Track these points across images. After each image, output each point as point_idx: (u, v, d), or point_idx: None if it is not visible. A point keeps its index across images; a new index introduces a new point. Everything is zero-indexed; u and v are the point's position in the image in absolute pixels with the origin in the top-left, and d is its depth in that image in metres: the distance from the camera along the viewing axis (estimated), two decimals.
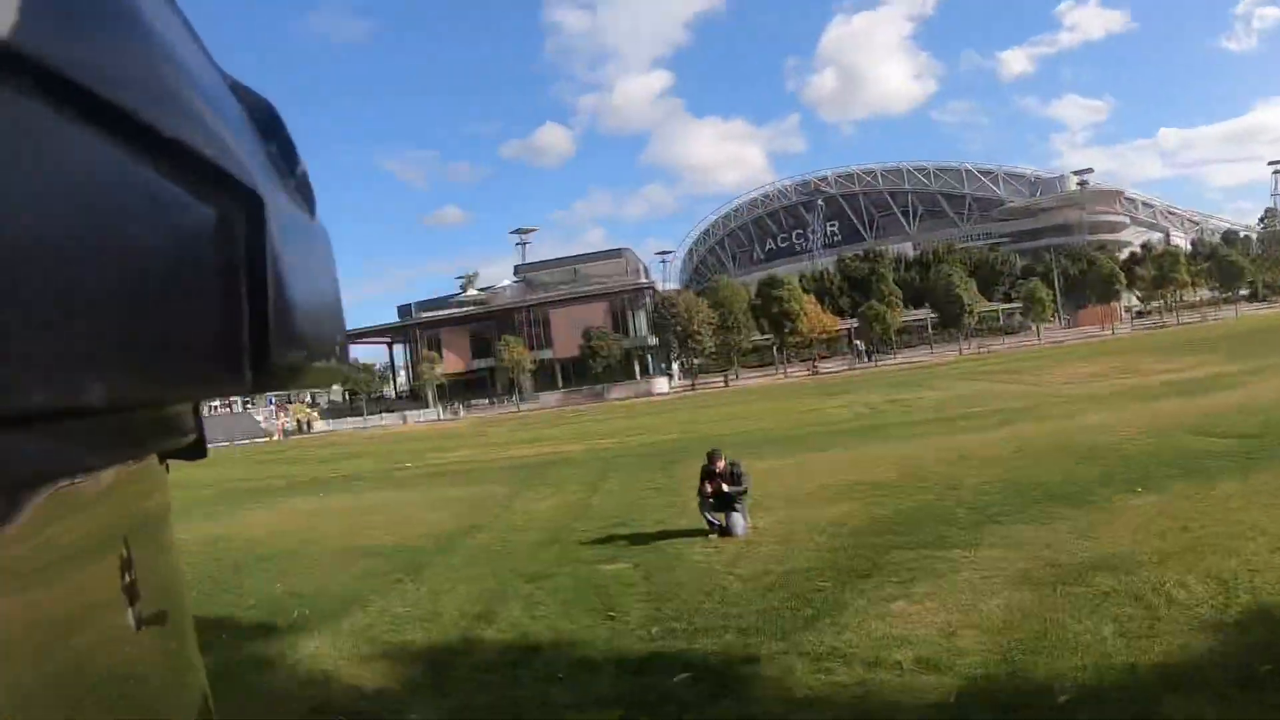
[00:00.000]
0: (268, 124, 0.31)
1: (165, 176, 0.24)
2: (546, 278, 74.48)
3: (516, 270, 79.35)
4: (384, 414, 63.21)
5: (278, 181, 0.29)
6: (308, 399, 79.37)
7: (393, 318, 77.01)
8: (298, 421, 61.98)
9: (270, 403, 76.00)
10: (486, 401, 64.14)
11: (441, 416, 59.32)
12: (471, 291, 77.77)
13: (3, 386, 0.19)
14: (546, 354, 65.98)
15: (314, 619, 6.38)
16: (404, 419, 58.75)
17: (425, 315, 72.91)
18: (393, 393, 79.36)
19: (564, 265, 76.44)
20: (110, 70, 0.21)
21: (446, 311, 73.04)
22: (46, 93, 0.19)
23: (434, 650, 5.35)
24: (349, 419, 62.87)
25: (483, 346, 67.87)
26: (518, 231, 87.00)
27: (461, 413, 59.97)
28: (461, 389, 66.69)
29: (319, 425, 61.22)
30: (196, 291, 0.25)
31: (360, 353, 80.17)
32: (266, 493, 17.82)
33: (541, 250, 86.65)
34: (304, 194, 0.32)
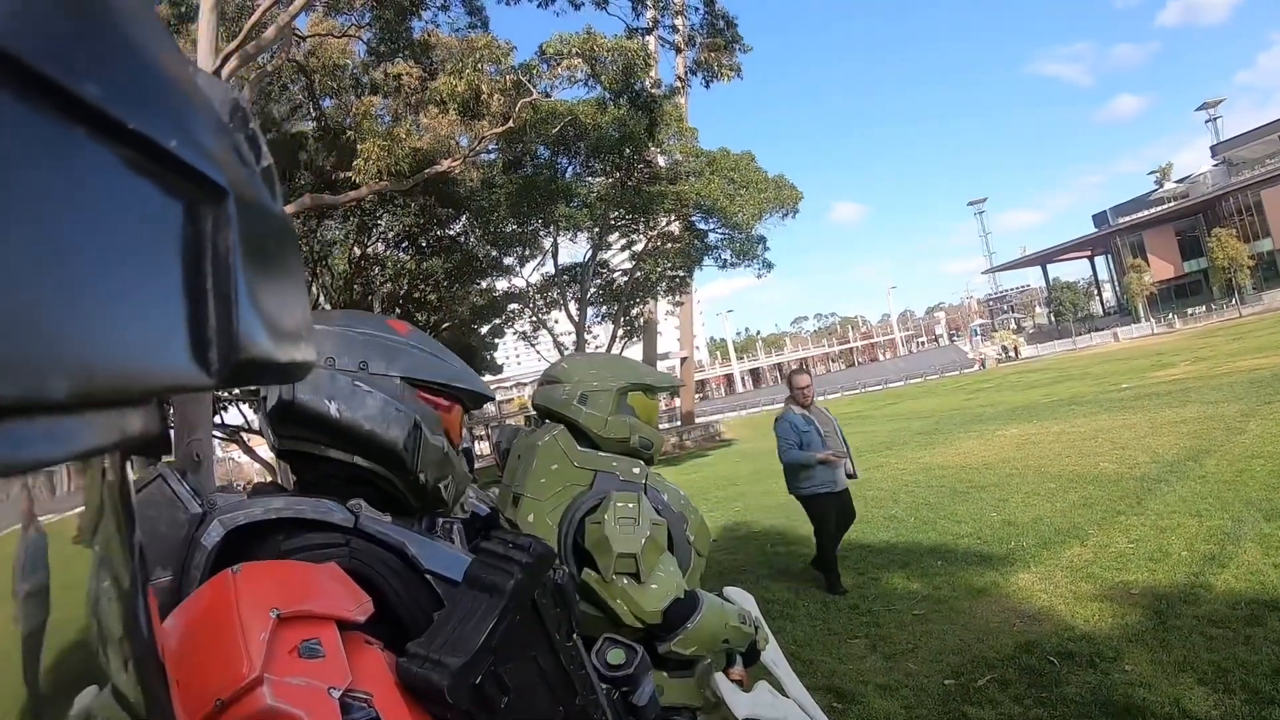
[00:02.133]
0: (232, 114, 0.33)
1: (128, 169, 0.23)
2: (1249, 153, 61.13)
3: (1213, 151, 66.80)
4: (1092, 333, 61.47)
5: (243, 172, 0.31)
6: (1011, 325, 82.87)
7: (1088, 228, 74.07)
8: (1003, 348, 62.48)
9: (975, 333, 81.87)
10: (1203, 309, 57.72)
11: (1155, 330, 55.38)
12: (1168, 185, 69.56)
13: None
14: (1265, 245, 55.66)
15: (1028, 550, 6.23)
16: (1115, 336, 56.22)
17: (1122, 220, 67.58)
18: (1099, 309, 76.79)
19: (1266, 134, 61.17)
20: (73, 61, 0.20)
21: (1145, 213, 66.28)
22: (7, 83, 0.19)
23: (1156, 594, 4.79)
24: (1056, 342, 62.14)
25: (1191, 245, 61.47)
26: (1204, 107, 73.68)
27: (1176, 324, 55.27)
28: (1172, 296, 62.20)
29: (1026, 351, 60.87)
30: (162, 286, 0.25)
31: (1060, 270, 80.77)
32: (978, 420, 17.74)
33: (1237, 123, 71.67)
34: (269, 184, 0.34)
